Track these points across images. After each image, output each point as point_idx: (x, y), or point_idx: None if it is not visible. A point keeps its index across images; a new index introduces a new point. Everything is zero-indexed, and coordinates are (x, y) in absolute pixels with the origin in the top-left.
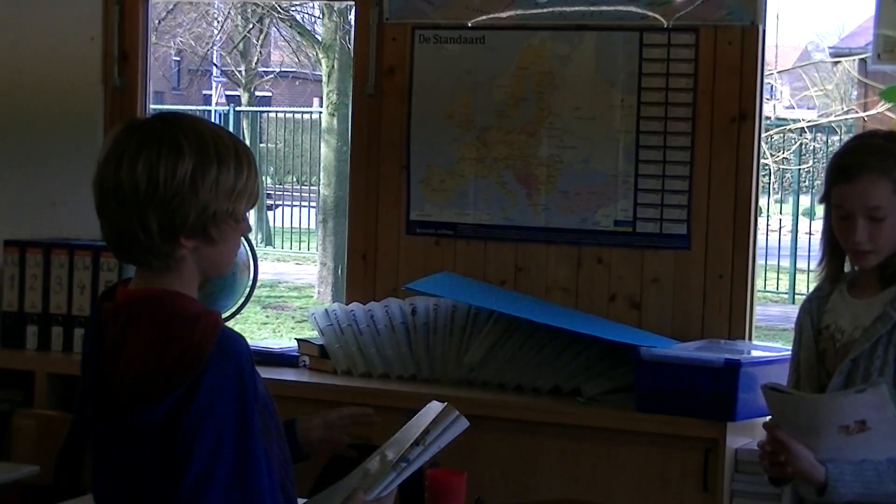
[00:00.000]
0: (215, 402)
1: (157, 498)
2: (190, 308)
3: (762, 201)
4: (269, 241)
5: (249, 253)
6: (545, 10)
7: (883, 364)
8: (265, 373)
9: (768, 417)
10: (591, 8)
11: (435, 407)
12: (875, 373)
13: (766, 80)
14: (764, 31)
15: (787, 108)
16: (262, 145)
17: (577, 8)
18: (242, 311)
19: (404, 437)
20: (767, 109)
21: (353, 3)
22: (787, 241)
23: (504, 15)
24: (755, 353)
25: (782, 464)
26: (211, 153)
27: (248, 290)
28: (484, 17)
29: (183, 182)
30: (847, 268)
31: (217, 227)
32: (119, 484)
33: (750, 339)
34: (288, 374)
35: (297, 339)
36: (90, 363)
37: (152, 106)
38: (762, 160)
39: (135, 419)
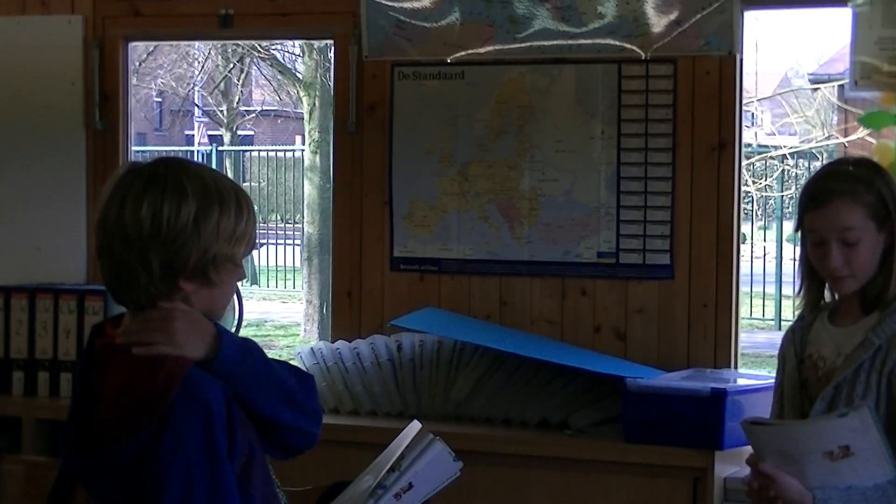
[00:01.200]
0: (183, 446)
1: None
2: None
3: (746, 228)
4: (254, 279)
5: (234, 293)
6: (524, 45)
7: (865, 390)
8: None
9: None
10: (570, 42)
11: (415, 426)
12: (857, 398)
13: (746, 108)
14: (741, 60)
15: (769, 134)
16: (245, 184)
17: (555, 42)
18: None
19: (384, 459)
20: (749, 137)
21: (332, 41)
22: (772, 267)
23: (483, 50)
24: (741, 382)
25: (772, 499)
26: (213, 197)
27: (233, 330)
28: (463, 53)
29: (186, 224)
30: (828, 296)
31: (216, 270)
32: None
33: (736, 367)
34: None
35: None
36: (79, 399)
37: (135, 148)
38: (744, 187)
39: (107, 456)
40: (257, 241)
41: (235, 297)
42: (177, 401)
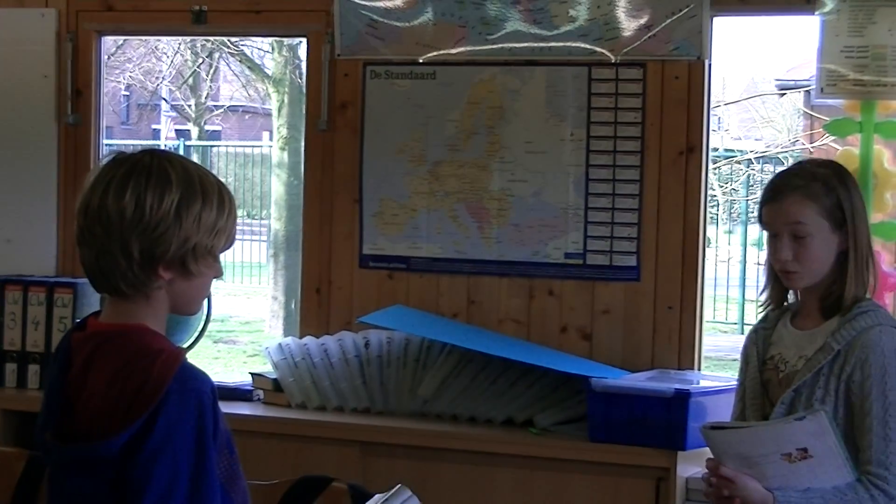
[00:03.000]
0: (173, 437)
1: None
2: (153, 344)
3: (711, 232)
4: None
5: (209, 288)
6: (496, 46)
7: (824, 394)
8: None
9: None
10: (541, 44)
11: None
12: (817, 402)
13: (713, 112)
14: (710, 65)
15: (735, 139)
16: None
17: (527, 44)
18: (195, 347)
19: None
20: (715, 141)
21: (304, 39)
22: (737, 271)
23: (455, 51)
24: (704, 383)
25: (728, 498)
26: (197, 188)
27: (201, 325)
28: (435, 53)
29: (168, 212)
30: (791, 298)
31: (195, 260)
32: None
33: (699, 369)
34: (243, 409)
35: (252, 374)
36: (55, 390)
37: (105, 142)
38: (710, 191)
39: (94, 449)
40: (234, 237)
41: None
42: (171, 391)
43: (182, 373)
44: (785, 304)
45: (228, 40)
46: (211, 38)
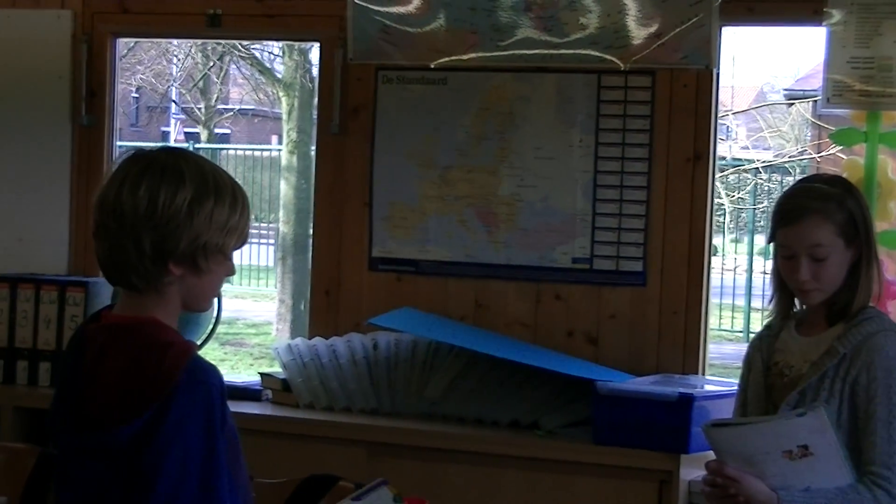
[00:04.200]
0: (183, 428)
1: None
2: (165, 337)
3: (718, 241)
4: None
5: (220, 286)
6: (507, 53)
7: (829, 396)
8: (229, 406)
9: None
10: (552, 51)
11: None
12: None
13: (721, 121)
14: (718, 74)
15: (743, 148)
16: None
17: (537, 51)
18: (203, 348)
19: None
20: (724, 150)
21: (317, 43)
22: (743, 280)
23: (466, 57)
24: (708, 388)
25: (733, 496)
26: (210, 186)
27: (211, 325)
28: (447, 59)
29: (180, 208)
30: (796, 306)
31: (206, 257)
32: (86, 501)
33: (703, 373)
34: (251, 408)
35: (261, 373)
36: (68, 380)
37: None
38: (717, 200)
39: (104, 437)
40: (247, 237)
41: None
42: (181, 384)
43: (192, 366)
44: (791, 312)
45: (240, 44)
46: (222, 42)
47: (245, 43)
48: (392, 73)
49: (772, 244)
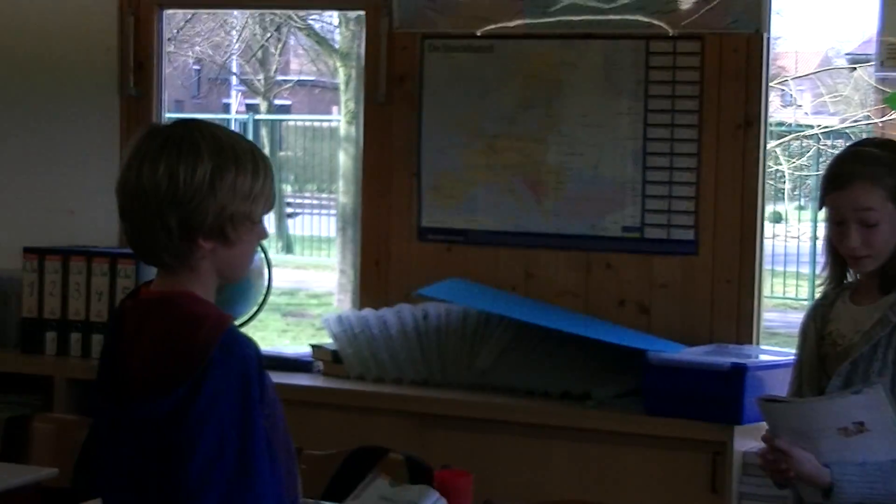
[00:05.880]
0: (219, 401)
1: (160, 490)
2: (200, 310)
3: (781, 208)
4: (289, 248)
5: (264, 259)
6: (553, 19)
7: (882, 367)
8: (279, 377)
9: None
10: (598, 17)
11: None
12: (874, 375)
13: (783, 87)
14: (769, 38)
15: (813, 113)
16: (281, 153)
17: (584, 17)
18: (261, 318)
19: None
20: (787, 115)
21: (363, 11)
22: (807, 248)
23: (512, 24)
24: (762, 358)
25: (784, 471)
26: (229, 156)
27: (263, 296)
28: (492, 26)
29: (202, 183)
30: (850, 276)
31: (234, 228)
32: (124, 474)
33: (757, 343)
34: (302, 379)
35: (311, 345)
36: (107, 355)
37: (172, 115)
38: (777, 166)
39: (142, 410)
40: (275, 199)
41: (265, 263)
42: (216, 357)
43: (227, 338)
44: (844, 282)
45: (296, 14)
46: (278, 12)
47: (301, 13)
48: (438, 41)
49: (824, 212)
